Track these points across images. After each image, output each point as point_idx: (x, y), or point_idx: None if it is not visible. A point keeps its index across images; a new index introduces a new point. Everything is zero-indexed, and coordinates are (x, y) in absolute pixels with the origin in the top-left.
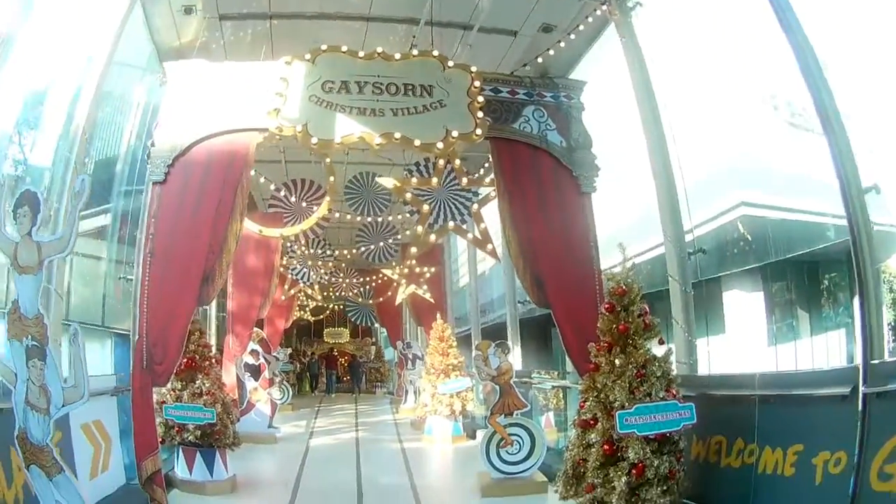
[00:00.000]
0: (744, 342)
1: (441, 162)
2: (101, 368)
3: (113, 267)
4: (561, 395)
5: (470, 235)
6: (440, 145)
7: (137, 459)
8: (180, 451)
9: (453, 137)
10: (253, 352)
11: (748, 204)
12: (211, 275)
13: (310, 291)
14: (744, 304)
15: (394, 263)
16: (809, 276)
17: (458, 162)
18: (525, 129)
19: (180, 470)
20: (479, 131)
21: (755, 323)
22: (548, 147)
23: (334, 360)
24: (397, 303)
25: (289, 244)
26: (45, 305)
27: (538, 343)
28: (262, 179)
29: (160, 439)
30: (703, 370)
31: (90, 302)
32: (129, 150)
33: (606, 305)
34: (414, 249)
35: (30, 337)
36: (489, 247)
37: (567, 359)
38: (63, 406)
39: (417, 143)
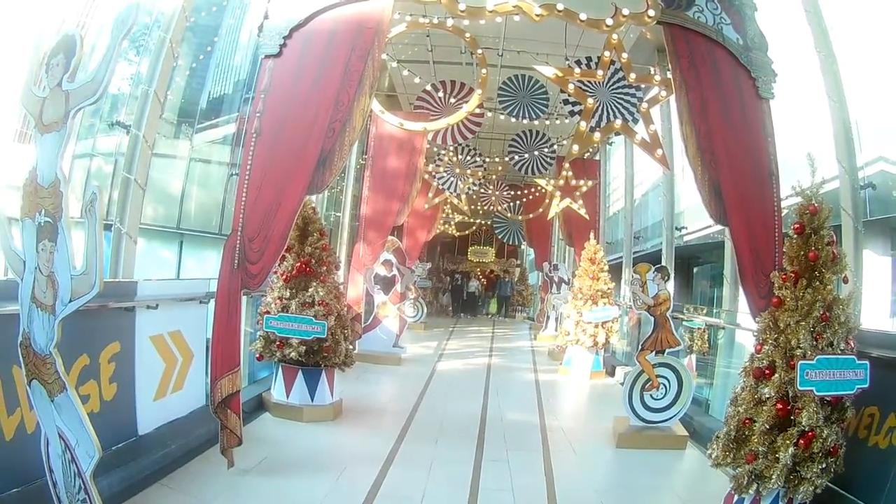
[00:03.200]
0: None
1: (606, 54)
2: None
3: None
4: (706, 338)
5: (638, 138)
6: (609, 22)
7: (212, 377)
8: (279, 369)
9: (624, 16)
10: (386, 262)
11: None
12: (329, 157)
13: (456, 202)
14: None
15: (547, 176)
16: None
17: (624, 56)
18: (700, 19)
19: (276, 391)
20: (651, 13)
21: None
22: (724, 42)
23: (491, 280)
24: (549, 217)
25: (435, 149)
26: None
27: (678, 280)
28: (405, 73)
29: (257, 355)
30: None
31: (207, 209)
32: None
33: (796, 226)
34: (575, 148)
35: (43, 212)
36: (658, 152)
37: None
38: (70, 301)
39: (583, 17)
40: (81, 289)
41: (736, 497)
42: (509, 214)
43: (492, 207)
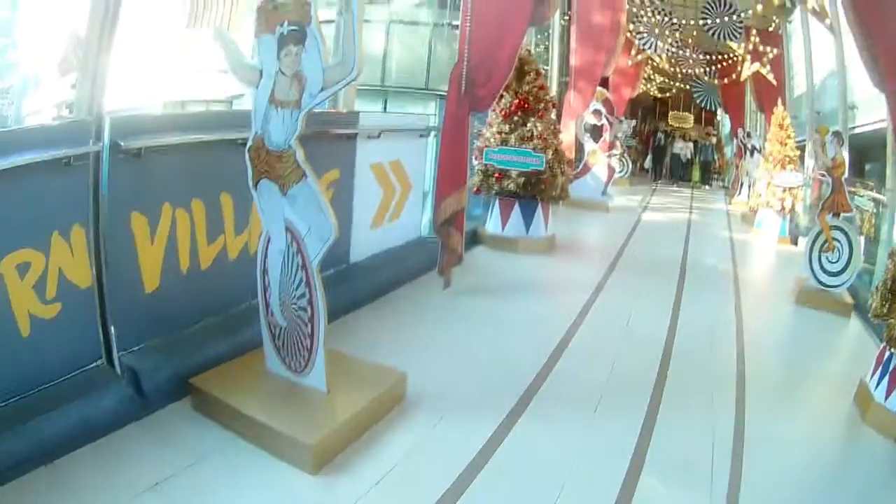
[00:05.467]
0: None
1: None
2: None
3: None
4: (872, 222)
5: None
6: None
7: (437, 196)
8: (496, 202)
9: None
10: (595, 111)
11: None
12: None
13: (657, 60)
14: None
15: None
16: None
17: None
18: None
19: (492, 225)
20: None
21: None
22: None
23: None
24: (742, 78)
25: (634, 10)
26: None
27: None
28: None
29: (475, 188)
30: None
31: (413, 67)
32: None
33: None
34: (759, 7)
35: (286, 23)
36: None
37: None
38: (322, 90)
39: None
40: (336, 75)
41: (888, 352)
42: (706, 78)
43: (689, 70)
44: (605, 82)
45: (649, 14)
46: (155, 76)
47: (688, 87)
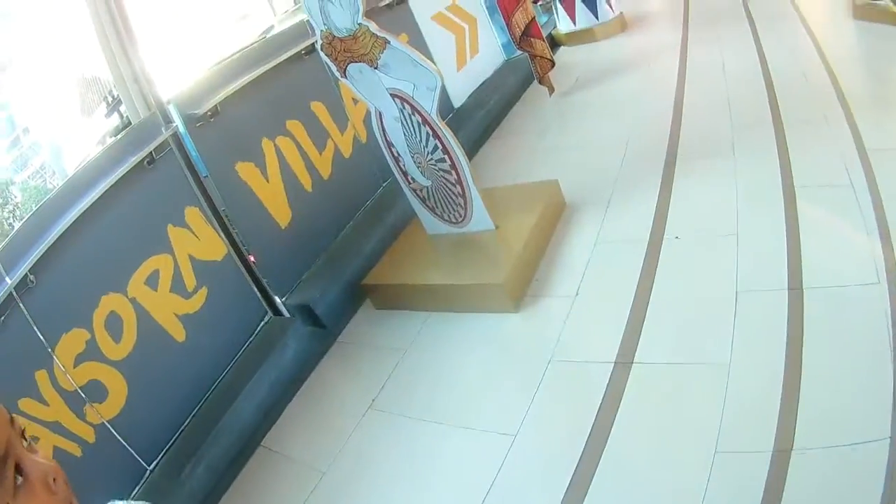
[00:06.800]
0: None
1: None
2: None
3: None
4: None
5: None
6: None
7: (505, 18)
8: (556, 3)
9: None
10: None
11: None
12: None
13: None
14: None
15: None
16: None
17: None
18: None
19: (563, 24)
20: None
21: None
22: None
23: None
24: None
25: None
26: None
27: None
28: None
29: None
30: None
31: None
32: None
33: None
34: None
35: None
36: None
37: None
38: None
39: None
40: None
41: None
42: None
43: None
44: None
45: None
46: (186, 40)
47: None
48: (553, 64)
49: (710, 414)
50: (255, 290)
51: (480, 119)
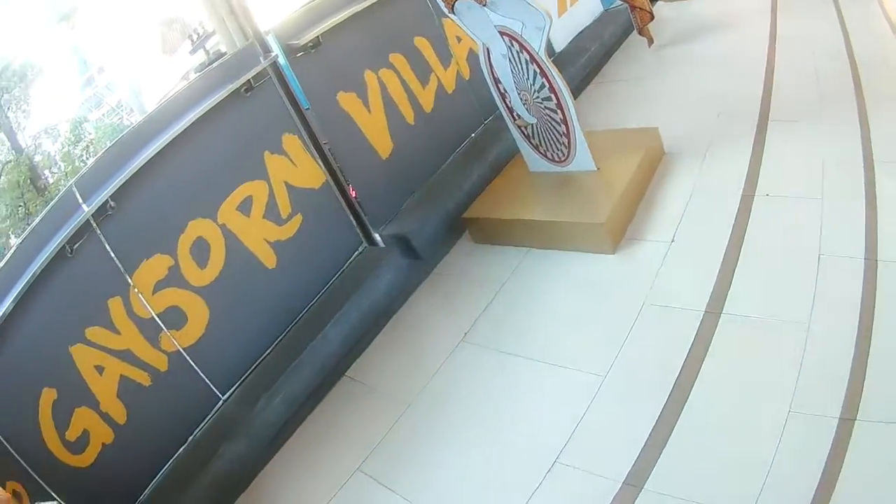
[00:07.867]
0: None
1: None
2: None
3: None
4: None
5: None
6: None
7: None
8: None
9: None
10: None
11: None
12: None
13: None
14: None
15: None
16: None
17: None
18: None
19: None
20: None
21: None
22: None
23: None
24: None
25: None
26: None
27: None
28: None
29: None
30: None
31: None
32: None
33: None
34: None
35: None
36: None
37: None
38: None
39: None
40: None
41: None
42: None
43: None
44: None
45: None
46: None
47: None
48: (652, 16)
49: (788, 372)
50: (352, 219)
51: (582, 65)
